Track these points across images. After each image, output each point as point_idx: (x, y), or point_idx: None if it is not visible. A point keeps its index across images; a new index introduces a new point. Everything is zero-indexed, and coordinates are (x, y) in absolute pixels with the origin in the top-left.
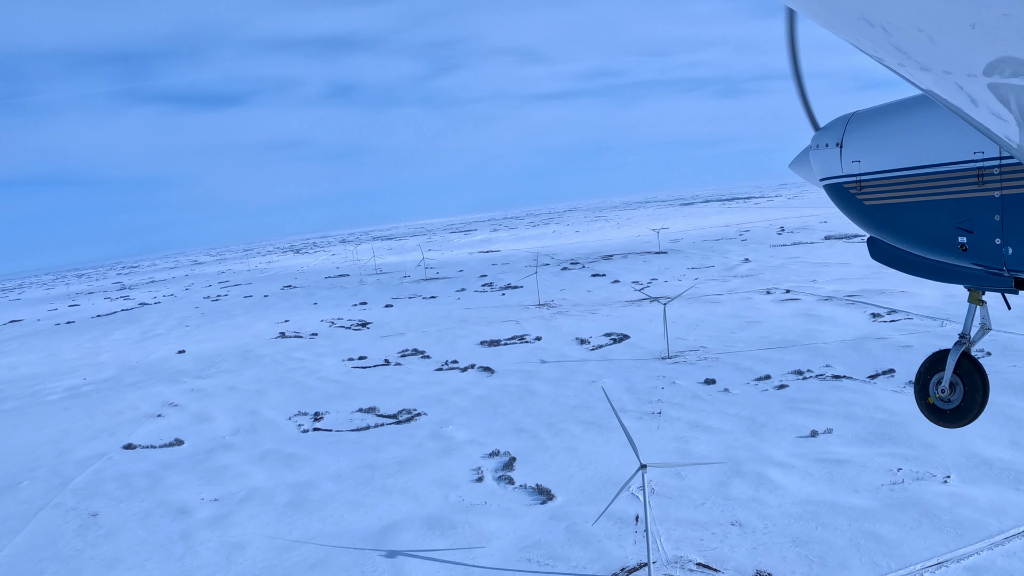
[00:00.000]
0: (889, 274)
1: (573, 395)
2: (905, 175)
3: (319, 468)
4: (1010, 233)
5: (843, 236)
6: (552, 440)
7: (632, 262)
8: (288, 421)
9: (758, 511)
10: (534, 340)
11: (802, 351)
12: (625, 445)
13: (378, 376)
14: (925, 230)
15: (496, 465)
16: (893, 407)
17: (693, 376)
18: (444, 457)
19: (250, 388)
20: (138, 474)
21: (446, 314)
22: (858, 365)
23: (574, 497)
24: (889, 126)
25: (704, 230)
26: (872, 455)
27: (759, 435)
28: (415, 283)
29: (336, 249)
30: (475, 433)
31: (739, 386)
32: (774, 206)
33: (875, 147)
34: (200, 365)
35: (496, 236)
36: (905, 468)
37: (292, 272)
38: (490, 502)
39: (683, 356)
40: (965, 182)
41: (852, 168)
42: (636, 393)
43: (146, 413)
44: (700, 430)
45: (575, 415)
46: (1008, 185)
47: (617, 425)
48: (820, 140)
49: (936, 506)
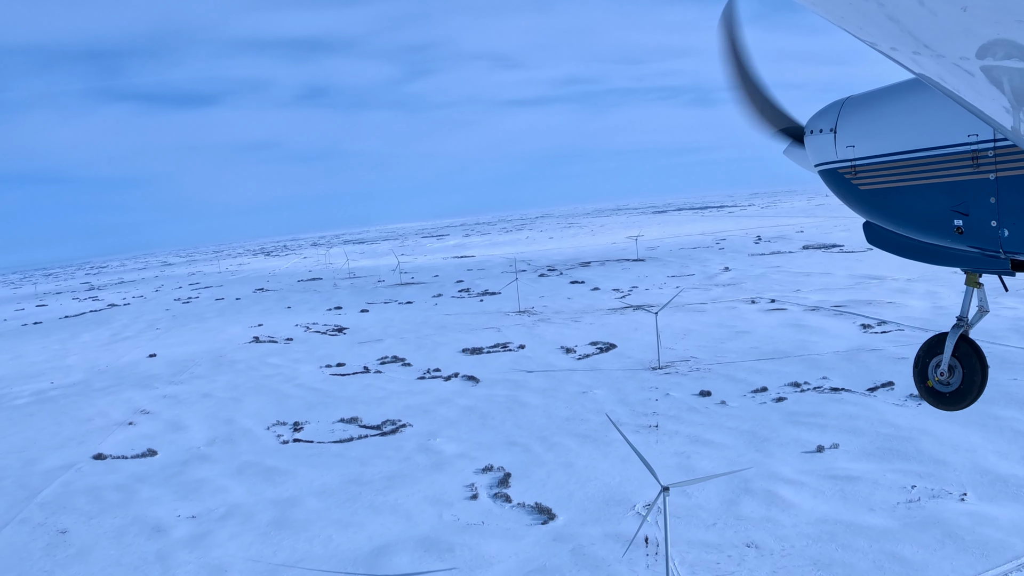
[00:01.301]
0: (874, 285)
1: (564, 406)
2: (900, 159)
3: (302, 483)
4: (1006, 215)
5: (821, 246)
6: (547, 455)
7: (611, 269)
8: (266, 431)
9: (773, 532)
10: (517, 348)
11: (796, 362)
12: (625, 460)
13: (358, 384)
14: (921, 214)
15: (490, 481)
16: (898, 421)
17: (687, 388)
18: (434, 472)
19: (225, 395)
20: (109, 487)
21: (424, 320)
22: (855, 377)
23: (576, 516)
24: (883, 110)
25: (680, 238)
26: (883, 471)
27: (763, 450)
28: (390, 288)
29: (307, 252)
30: (465, 446)
31: (736, 398)
32: (748, 215)
33: (869, 132)
34: (172, 370)
35: (469, 241)
36: (919, 485)
37: (264, 275)
38: (487, 521)
39: (674, 366)
40: (960, 165)
41: (847, 153)
42: (630, 405)
43: (116, 421)
44: (701, 444)
45: (568, 428)
46: (1003, 167)
47: (614, 439)
48: (814, 126)
49: (957, 525)
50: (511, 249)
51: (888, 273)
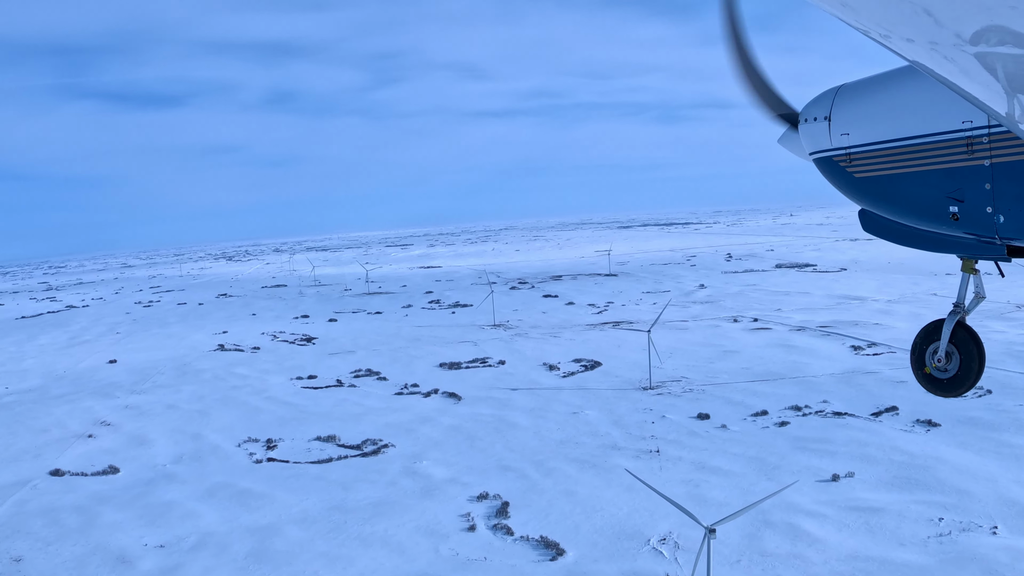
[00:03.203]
0: (855, 305)
1: (556, 428)
2: (894, 146)
3: (280, 509)
4: (1001, 201)
5: (794, 265)
6: (544, 481)
7: (583, 284)
8: (238, 448)
9: (804, 570)
10: (498, 364)
11: (792, 384)
12: (630, 489)
13: (332, 399)
14: (916, 201)
15: (487, 511)
16: (910, 448)
17: (683, 410)
18: (424, 499)
19: (191, 407)
20: (68, 508)
21: (396, 332)
22: (856, 401)
23: (587, 552)
24: (877, 98)
25: (649, 254)
26: (906, 503)
27: (775, 478)
28: (358, 297)
29: (270, 258)
30: (454, 471)
31: (736, 422)
32: (714, 232)
33: (864, 119)
34: (134, 378)
35: (435, 252)
36: (947, 518)
37: (226, 280)
38: (490, 557)
39: (665, 387)
40: (955, 152)
41: (841, 141)
42: (625, 428)
43: (75, 432)
44: (708, 472)
45: (563, 452)
46: (998, 153)
47: (615, 465)
48: (808, 114)
49: (996, 561)
50: (478, 261)
51: (868, 294)
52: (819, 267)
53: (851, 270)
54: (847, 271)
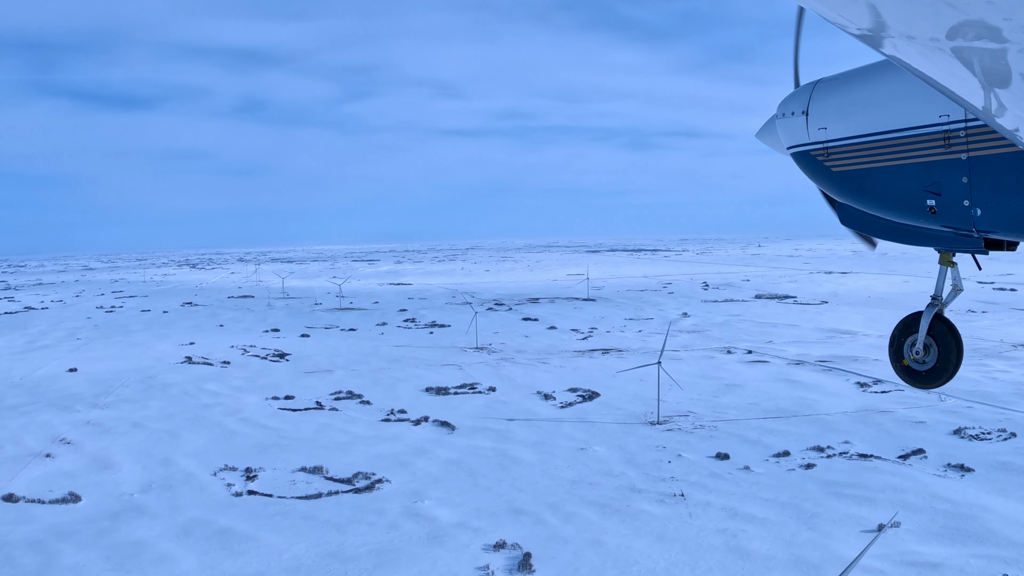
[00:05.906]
0: (847, 340)
1: (565, 465)
2: (872, 140)
3: (268, 554)
4: (978, 194)
5: (773, 296)
6: (565, 528)
7: (561, 308)
8: (213, 478)
9: None
10: (488, 391)
11: (806, 423)
12: (662, 539)
13: (314, 423)
14: (894, 194)
15: (508, 563)
16: (949, 495)
17: (699, 448)
18: (432, 547)
19: (159, 427)
20: (23, 544)
21: (373, 351)
22: (878, 442)
23: None
24: (855, 92)
25: (624, 279)
26: (964, 557)
27: (816, 528)
28: (329, 312)
29: (234, 267)
30: (461, 513)
31: (759, 463)
32: (685, 260)
33: (841, 113)
34: (96, 389)
35: (403, 268)
36: (1012, 574)
37: (191, 288)
38: None
39: (674, 421)
40: (932, 145)
41: (819, 135)
42: (641, 468)
43: (31, 450)
44: (742, 520)
45: (579, 493)
46: (975, 147)
47: (640, 511)
48: (786, 108)
49: None
50: (448, 279)
51: (856, 328)
52: (799, 299)
53: (832, 303)
54: (829, 304)
